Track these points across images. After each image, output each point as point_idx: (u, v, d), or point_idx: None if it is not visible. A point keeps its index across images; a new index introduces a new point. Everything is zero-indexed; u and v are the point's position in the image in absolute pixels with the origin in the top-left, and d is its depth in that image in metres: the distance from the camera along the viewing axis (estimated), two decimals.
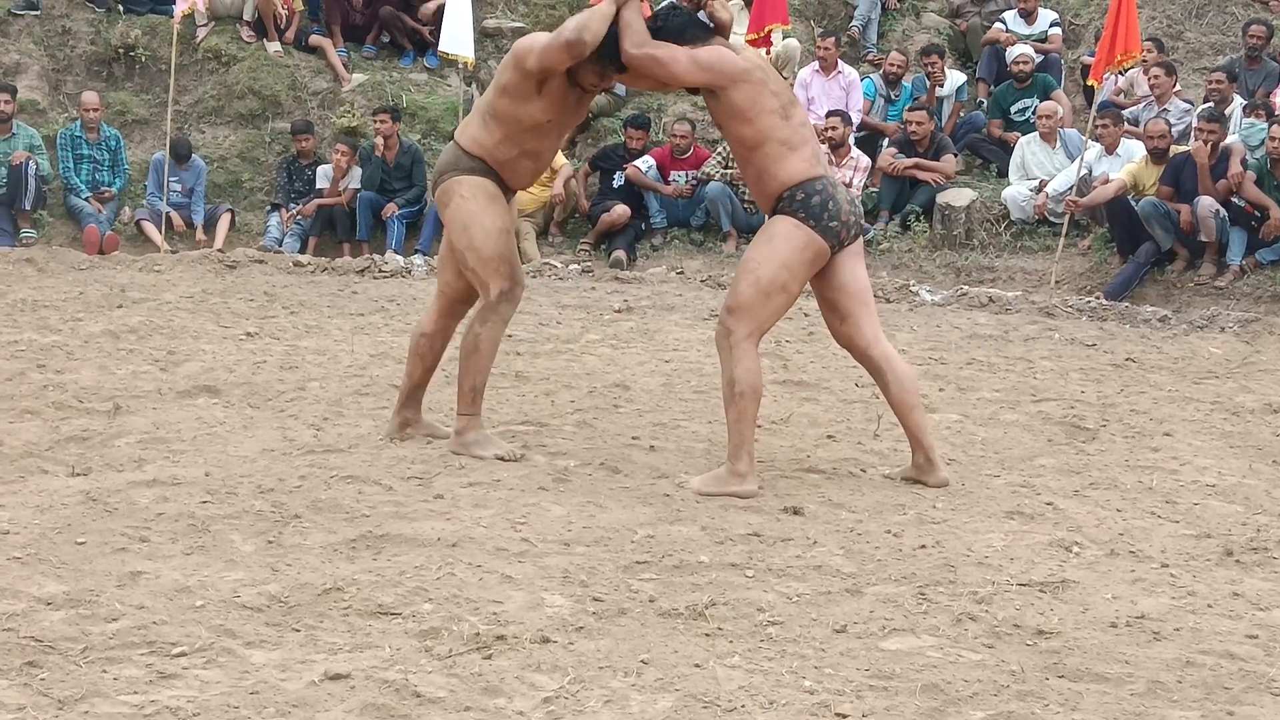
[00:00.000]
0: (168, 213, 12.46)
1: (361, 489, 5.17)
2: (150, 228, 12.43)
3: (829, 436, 6.36)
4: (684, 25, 5.47)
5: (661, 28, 5.47)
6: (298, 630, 3.85)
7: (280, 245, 12.46)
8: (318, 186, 12.83)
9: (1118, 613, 4.22)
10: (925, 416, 5.68)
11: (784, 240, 5.37)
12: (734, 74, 5.36)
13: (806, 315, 8.78)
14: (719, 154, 12.74)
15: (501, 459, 5.59)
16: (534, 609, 4.08)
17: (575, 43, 5.36)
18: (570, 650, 3.78)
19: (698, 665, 3.72)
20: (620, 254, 12.25)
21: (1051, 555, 4.75)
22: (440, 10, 13.19)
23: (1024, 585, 4.43)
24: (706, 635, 3.93)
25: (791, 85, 13.50)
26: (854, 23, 14.79)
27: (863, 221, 5.49)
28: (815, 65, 13.49)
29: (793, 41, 13.60)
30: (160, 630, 3.78)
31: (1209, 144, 10.97)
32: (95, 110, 12.56)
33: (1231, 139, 11.42)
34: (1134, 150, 11.79)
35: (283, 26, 13.95)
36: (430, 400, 6.23)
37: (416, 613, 4.00)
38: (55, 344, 7.69)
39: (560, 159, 12.25)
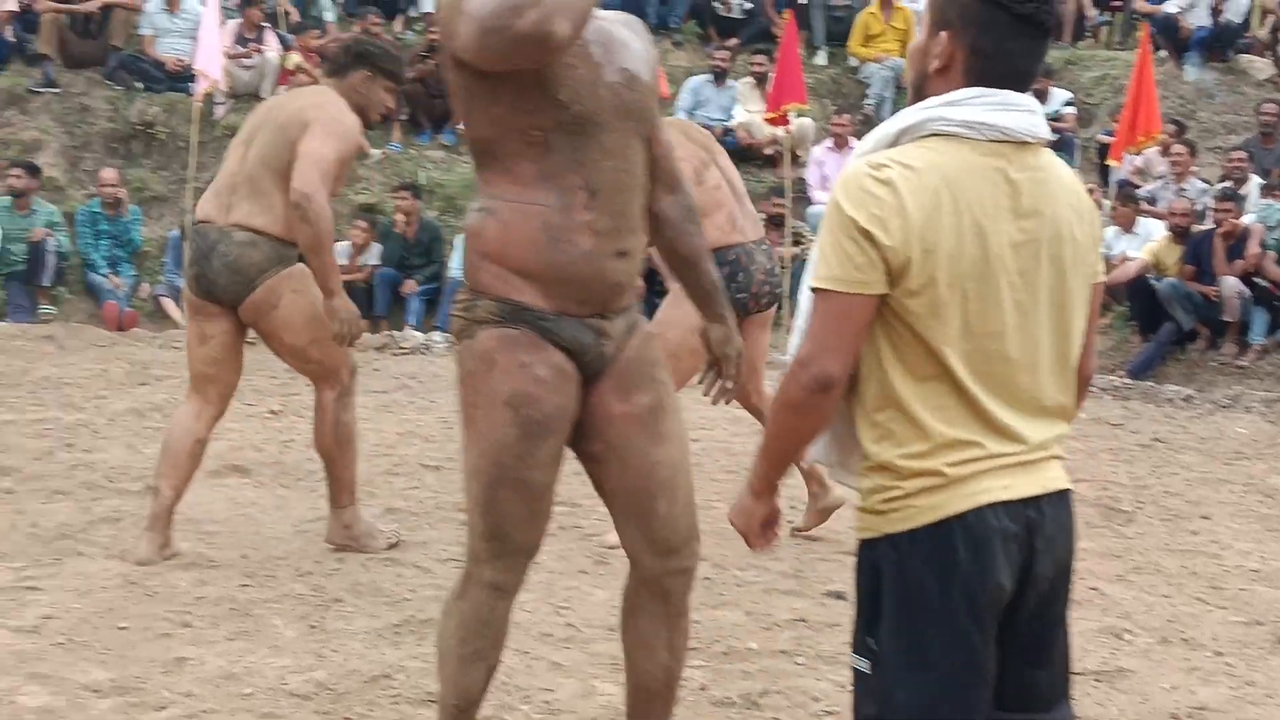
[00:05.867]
0: None
1: (400, 571, 5.12)
2: (169, 304, 12.43)
3: None
4: None
5: None
6: (349, 718, 3.78)
7: None
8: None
9: (1177, 703, 4.16)
10: None
11: (690, 303, 5.46)
12: None
13: None
14: None
15: (392, 547, 5.45)
16: (586, 697, 4.01)
17: None
18: None
19: None
20: None
21: (1103, 643, 4.69)
22: None
23: (1079, 674, 4.36)
24: None
25: (804, 163, 13.72)
26: (868, 101, 14.88)
27: (777, 290, 5.73)
28: (829, 143, 13.57)
29: (807, 120, 13.70)
30: (210, 719, 3.72)
31: (1224, 224, 10.98)
32: (113, 186, 12.57)
33: (1249, 218, 11.43)
34: (1151, 229, 11.79)
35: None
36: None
37: None
38: (81, 422, 7.66)
39: None
